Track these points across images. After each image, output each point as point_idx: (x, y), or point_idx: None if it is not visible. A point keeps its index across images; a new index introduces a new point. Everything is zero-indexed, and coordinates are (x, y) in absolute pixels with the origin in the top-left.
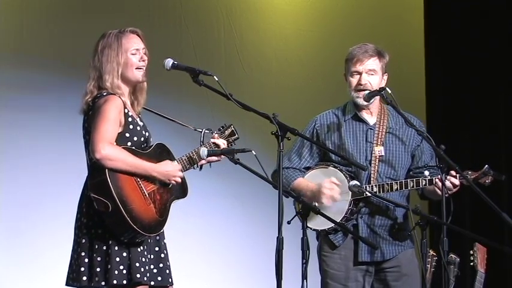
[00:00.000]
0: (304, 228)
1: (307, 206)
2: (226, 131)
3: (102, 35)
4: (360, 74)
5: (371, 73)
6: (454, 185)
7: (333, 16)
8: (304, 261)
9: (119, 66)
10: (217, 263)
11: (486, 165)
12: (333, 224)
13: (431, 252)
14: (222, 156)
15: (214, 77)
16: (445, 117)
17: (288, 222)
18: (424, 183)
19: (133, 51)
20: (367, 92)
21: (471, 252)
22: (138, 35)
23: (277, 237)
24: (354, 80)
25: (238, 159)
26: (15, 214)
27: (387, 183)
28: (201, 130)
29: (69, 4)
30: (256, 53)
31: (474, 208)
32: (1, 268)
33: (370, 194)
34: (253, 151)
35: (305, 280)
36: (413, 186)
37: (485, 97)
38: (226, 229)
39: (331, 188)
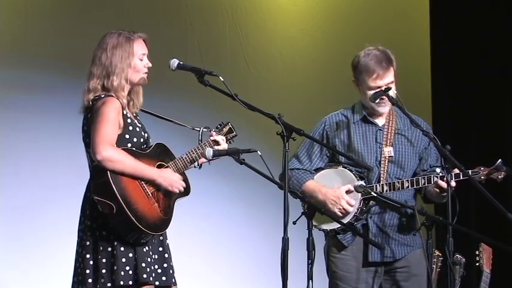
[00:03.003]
0: (310, 228)
1: (312, 206)
2: (224, 129)
3: (109, 33)
4: (380, 87)
5: (390, 85)
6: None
7: (337, 15)
8: (310, 261)
9: (129, 68)
10: (222, 263)
11: (500, 160)
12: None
13: (437, 253)
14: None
15: (220, 77)
16: (450, 116)
17: (294, 223)
18: (435, 180)
19: (141, 56)
20: (373, 92)
21: (477, 252)
22: (144, 41)
23: (283, 238)
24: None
25: (243, 159)
26: (18, 218)
27: (398, 181)
28: (198, 129)
29: (72, 5)
30: (261, 53)
31: (480, 208)
32: (4, 272)
33: (375, 194)
34: (258, 151)
35: (311, 280)
36: (424, 184)
37: (491, 95)
38: (231, 230)
39: (348, 201)
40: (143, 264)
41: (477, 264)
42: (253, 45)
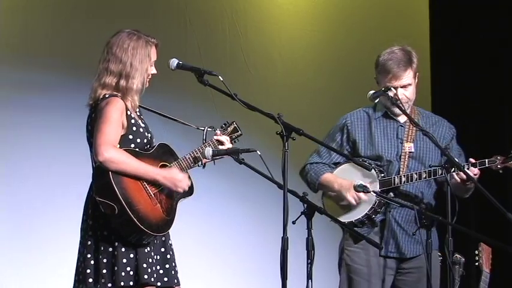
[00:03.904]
0: (309, 228)
1: (311, 205)
2: (229, 128)
3: (126, 32)
4: (396, 88)
5: (406, 87)
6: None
7: (337, 15)
8: (309, 261)
9: (146, 73)
10: (221, 263)
11: None
12: (360, 216)
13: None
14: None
15: (219, 77)
16: (451, 118)
17: (293, 222)
18: (452, 170)
19: (152, 63)
20: (373, 92)
21: (476, 252)
22: (156, 47)
23: (282, 237)
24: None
25: (243, 159)
26: (20, 216)
27: (416, 173)
28: (203, 128)
29: (73, 4)
30: (261, 53)
31: (479, 208)
32: (8, 270)
33: (374, 194)
34: (258, 151)
35: (310, 280)
36: (441, 174)
37: (491, 94)
38: (231, 229)
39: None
40: (144, 265)
41: (476, 264)
42: (253, 45)
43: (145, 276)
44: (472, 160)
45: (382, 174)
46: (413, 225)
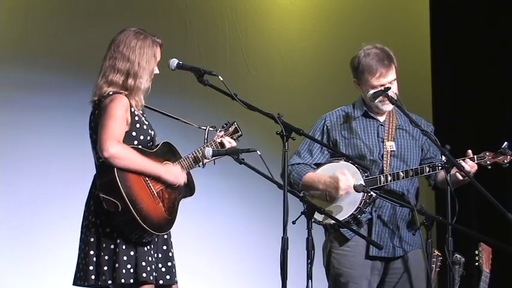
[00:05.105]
0: (310, 228)
1: (311, 205)
2: (230, 128)
3: (133, 31)
4: (384, 85)
5: (392, 83)
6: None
7: (337, 16)
8: (309, 261)
9: (152, 73)
10: (221, 262)
11: (505, 143)
12: (346, 216)
13: (437, 252)
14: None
15: (219, 77)
16: (451, 118)
17: (293, 222)
18: (440, 168)
19: (156, 63)
20: (372, 92)
21: (476, 252)
22: (161, 47)
23: (282, 237)
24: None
25: (243, 159)
26: (20, 215)
27: (402, 171)
28: (205, 128)
29: (74, 5)
30: (261, 53)
31: (479, 208)
32: (8, 268)
33: (375, 195)
34: (258, 151)
35: (310, 280)
36: (429, 172)
37: (491, 95)
38: (231, 229)
39: (346, 180)
40: (143, 263)
41: (476, 264)
42: (253, 45)
43: (144, 275)
44: (469, 153)
45: (366, 174)
46: (401, 224)
